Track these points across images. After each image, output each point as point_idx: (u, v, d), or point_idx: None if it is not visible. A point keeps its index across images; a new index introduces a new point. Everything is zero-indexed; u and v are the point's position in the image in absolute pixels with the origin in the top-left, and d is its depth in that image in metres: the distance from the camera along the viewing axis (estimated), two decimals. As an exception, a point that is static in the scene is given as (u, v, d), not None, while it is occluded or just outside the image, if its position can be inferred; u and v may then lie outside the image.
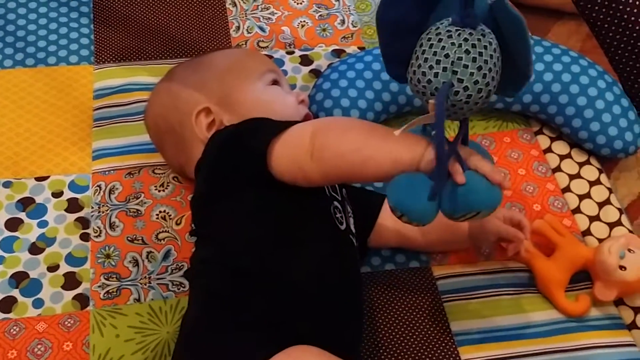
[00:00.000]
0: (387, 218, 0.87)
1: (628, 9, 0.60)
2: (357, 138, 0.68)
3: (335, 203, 0.78)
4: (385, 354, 0.82)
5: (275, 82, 0.89)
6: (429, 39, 0.60)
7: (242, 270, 0.72)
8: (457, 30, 0.60)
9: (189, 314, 0.74)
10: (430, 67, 0.60)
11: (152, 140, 0.94)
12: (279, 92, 0.89)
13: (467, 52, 0.59)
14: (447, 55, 0.59)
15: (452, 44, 0.59)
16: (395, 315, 0.86)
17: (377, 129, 0.70)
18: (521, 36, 0.59)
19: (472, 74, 0.59)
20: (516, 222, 0.86)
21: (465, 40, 0.59)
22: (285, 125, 0.73)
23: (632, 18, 0.60)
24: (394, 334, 0.84)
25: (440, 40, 0.60)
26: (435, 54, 0.60)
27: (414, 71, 0.61)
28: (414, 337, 0.84)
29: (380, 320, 0.85)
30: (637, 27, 0.60)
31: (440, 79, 0.60)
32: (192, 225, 0.89)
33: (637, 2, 0.59)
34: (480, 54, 0.59)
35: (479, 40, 0.60)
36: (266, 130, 0.73)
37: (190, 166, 0.86)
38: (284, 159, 0.71)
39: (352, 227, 0.80)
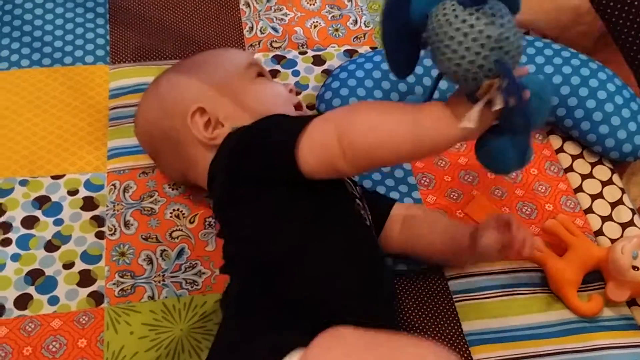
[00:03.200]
0: (393, 228, 0.87)
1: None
2: (385, 124, 0.68)
3: (357, 201, 0.79)
4: (396, 352, 0.83)
5: (260, 74, 0.90)
6: (457, 29, 0.60)
7: (273, 265, 0.72)
8: (477, 9, 0.60)
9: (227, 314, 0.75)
10: (477, 53, 0.60)
11: (146, 150, 0.94)
12: (267, 83, 0.89)
13: (502, 25, 0.60)
14: (489, 37, 0.60)
15: (486, 24, 0.60)
16: (407, 315, 0.86)
17: (397, 108, 0.70)
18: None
19: (513, 42, 0.60)
20: (504, 223, 0.80)
21: (493, 15, 0.60)
22: (303, 122, 0.72)
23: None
24: (405, 333, 0.84)
25: (472, 26, 0.60)
26: (475, 39, 0.60)
27: (457, 64, 0.61)
28: (425, 337, 0.84)
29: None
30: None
31: (491, 59, 0.60)
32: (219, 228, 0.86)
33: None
34: (509, 20, 0.61)
35: (499, 9, 0.60)
36: (287, 129, 0.73)
37: (193, 171, 0.86)
38: (313, 159, 0.70)
39: (371, 222, 0.81)
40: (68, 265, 0.88)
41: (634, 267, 0.84)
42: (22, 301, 0.85)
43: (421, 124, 0.67)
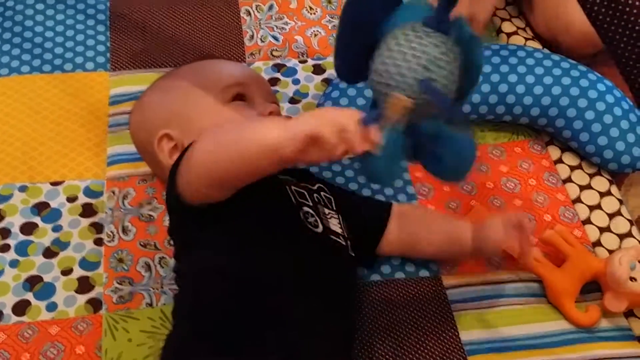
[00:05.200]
0: (392, 230, 0.87)
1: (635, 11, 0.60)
2: (216, 138, 0.68)
3: (305, 209, 0.78)
4: (394, 362, 0.83)
5: (239, 96, 0.86)
6: (406, 35, 0.61)
7: (209, 284, 0.72)
8: (433, 31, 0.61)
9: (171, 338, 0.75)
10: (406, 60, 0.60)
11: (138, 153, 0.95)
12: (240, 108, 0.85)
13: (443, 53, 0.61)
14: (424, 52, 0.60)
15: (433, 43, 0.60)
16: (405, 324, 0.86)
17: (240, 124, 0.70)
18: (477, 53, 0.63)
19: (444, 76, 0.61)
20: (516, 223, 0.82)
21: (443, 42, 0.61)
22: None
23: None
24: (403, 342, 0.84)
25: (419, 37, 0.61)
26: (413, 48, 0.60)
27: (383, 62, 0.62)
28: (424, 346, 0.84)
29: (390, 329, 0.85)
30: (637, 27, 0.60)
31: (412, 74, 0.60)
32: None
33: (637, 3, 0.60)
34: (453, 59, 0.61)
35: (452, 46, 0.61)
36: (178, 160, 0.74)
37: None
38: (182, 184, 0.72)
39: (334, 228, 0.80)
40: (66, 272, 0.88)
41: (631, 278, 0.84)
42: (20, 307, 0.84)
43: (249, 127, 0.66)
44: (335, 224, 0.80)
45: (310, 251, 0.76)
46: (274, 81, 1.10)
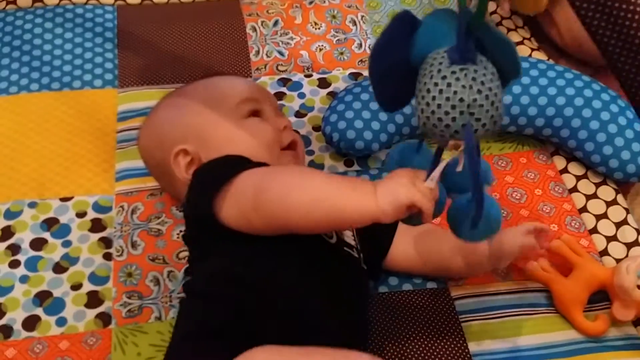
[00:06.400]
0: (399, 245, 0.87)
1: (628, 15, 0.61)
2: (303, 193, 0.68)
3: None
4: (403, 373, 0.83)
5: (253, 112, 0.88)
6: (436, 84, 0.59)
7: (222, 294, 0.73)
8: (461, 69, 0.59)
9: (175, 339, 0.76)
10: (447, 113, 0.59)
11: (147, 169, 0.96)
12: (255, 124, 0.87)
13: (479, 92, 0.58)
14: (461, 100, 0.58)
15: (463, 86, 0.58)
16: (413, 336, 0.86)
17: (324, 181, 0.70)
18: (511, 58, 0.60)
19: (487, 111, 0.59)
20: (539, 229, 0.87)
21: (474, 79, 0.58)
22: (238, 169, 0.73)
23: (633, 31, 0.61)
24: (411, 353, 0.84)
25: (449, 85, 0.58)
26: (448, 99, 0.59)
27: (427, 117, 0.60)
28: (432, 357, 0.84)
29: (398, 340, 0.85)
30: (637, 41, 0.60)
31: (458, 122, 0.59)
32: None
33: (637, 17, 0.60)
34: (490, 88, 0.59)
35: (484, 74, 0.59)
36: (218, 174, 0.74)
37: (182, 200, 0.88)
38: (230, 212, 0.72)
39: (347, 239, 0.80)
40: (76, 287, 0.88)
41: (639, 287, 0.84)
42: (30, 322, 0.85)
43: (339, 194, 0.67)
44: (349, 236, 0.81)
45: (324, 260, 0.76)
46: (279, 95, 1.11)
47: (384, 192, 0.65)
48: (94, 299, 0.87)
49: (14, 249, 0.91)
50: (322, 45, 1.20)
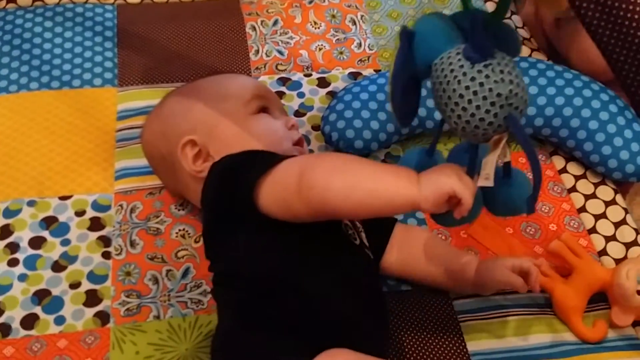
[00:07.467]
0: (391, 250, 0.87)
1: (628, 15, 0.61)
2: (346, 177, 0.68)
3: (345, 221, 0.79)
4: (401, 372, 0.83)
5: (262, 108, 0.89)
6: (467, 87, 0.60)
7: (261, 289, 0.73)
8: (485, 65, 0.60)
9: (220, 329, 0.76)
10: (487, 111, 0.60)
11: (150, 164, 0.96)
12: (265, 120, 0.88)
13: (511, 82, 0.60)
14: (499, 95, 0.60)
15: (496, 81, 0.60)
16: (412, 335, 0.86)
17: (367, 166, 0.71)
18: (514, 43, 0.63)
19: (522, 96, 0.61)
20: (525, 270, 0.82)
21: (502, 72, 0.60)
22: (275, 161, 0.73)
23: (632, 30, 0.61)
24: (410, 353, 0.84)
25: (481, 84, 0.60)
26: (485, 98, 0.60)
27: (467, 121, 0.61)
28: (431, 357, 0.84)
29: (397, 340, 0.85)
30: (637, 40, 0.61)
31: (500, 117, 0.60)
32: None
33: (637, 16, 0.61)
34: (516, 75, 0.61)
35: (506, 64, 0.60)
36: (255, 167, 0.74)
37: (188, 194, 0.89)
38: (272, 198, 0.72)
39: (365, 241, 0.81)
40: (74, 285, 0.88)
41: (638, 292, 0.84)
42: (29, 321, 0.85)
43: (382, 178, 0.68)
44: (364, 238, 0.82)
45: (353, 260, 0.78)
46: (279, 95, 1.11)
47: (427, 180, 0.66)
48: (92, 298, 0.87)
49: (13, 247, 0.91)
50: (322, 45, 1.20)
